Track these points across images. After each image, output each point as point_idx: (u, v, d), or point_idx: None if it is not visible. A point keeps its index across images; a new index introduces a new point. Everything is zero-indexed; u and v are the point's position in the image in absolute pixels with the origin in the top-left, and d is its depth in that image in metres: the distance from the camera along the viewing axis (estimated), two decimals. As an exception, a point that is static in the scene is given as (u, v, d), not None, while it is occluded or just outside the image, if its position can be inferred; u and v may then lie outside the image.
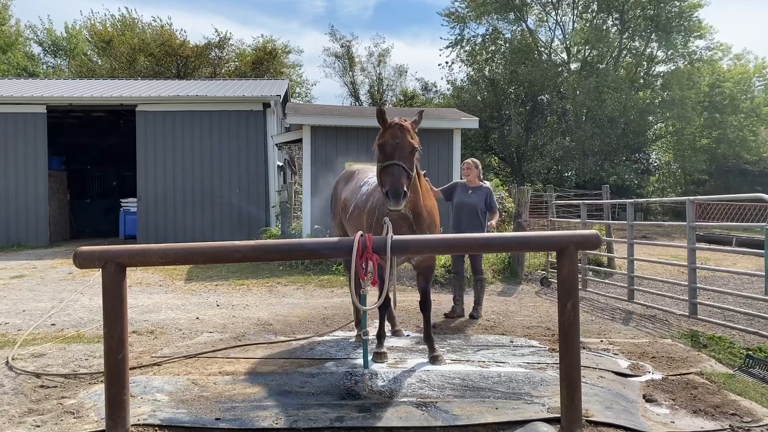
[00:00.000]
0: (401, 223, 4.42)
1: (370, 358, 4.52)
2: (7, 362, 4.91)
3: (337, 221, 6.07)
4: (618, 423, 3.59)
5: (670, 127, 33.44)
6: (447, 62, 52.67)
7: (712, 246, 12.50)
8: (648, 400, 4.16)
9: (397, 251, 3.66)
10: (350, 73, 43.55)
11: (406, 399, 4.00)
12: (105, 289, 3.27)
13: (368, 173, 5.59)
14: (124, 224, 16.77)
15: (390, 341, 5.60)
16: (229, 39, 34.34)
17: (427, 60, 75.69)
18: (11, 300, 8.19)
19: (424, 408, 3.83)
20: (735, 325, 6.45)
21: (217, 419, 3.66)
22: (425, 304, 5.05)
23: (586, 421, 3.58)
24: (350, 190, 5.66)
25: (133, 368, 4.67)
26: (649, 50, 33.62)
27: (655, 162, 37.72)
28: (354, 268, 3.57)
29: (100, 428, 3.49)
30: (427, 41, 76.87)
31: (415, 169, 4.27)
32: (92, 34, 35.14)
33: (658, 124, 34.28)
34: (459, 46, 36.89)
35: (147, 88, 18.28)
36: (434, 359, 4.79)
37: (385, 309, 4.91)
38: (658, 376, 4.76)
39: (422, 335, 5.19)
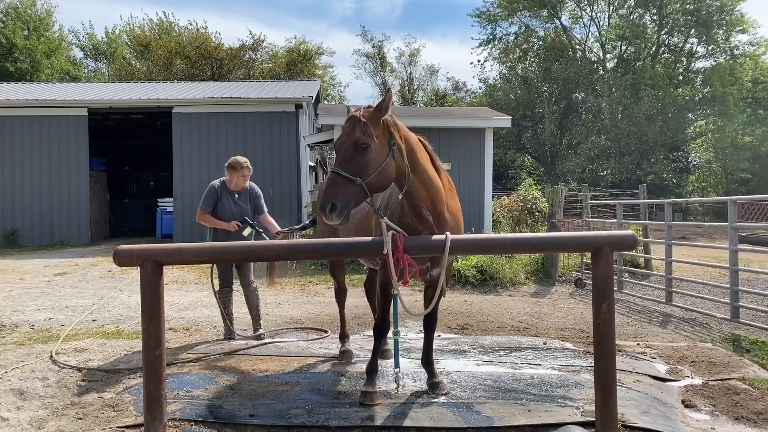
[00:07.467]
0: (420, 229, 3.75)
1: (359, 398, 3.98)
2: (51, 356, 5.09)
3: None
4: (655, 428, 3.51)
5: (711, 125, 32.40)
6: (479, 60, 52.50)
7: (755, 248, 12.07)
8: (687, 406, 4.05)
9: (422, 251, 3.63)
10: (381, 73, 43.63)
11: (436, 399, 3.99)
12: (143, 286, 3.35)
13: None
14: (160, 223, 17.16)
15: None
16: (262, 41, 34.81)
17: (456, 59, 75.02)
18: (55, 296, 8.49)
19: (455, 409, 3.81)
20: (780, 330, 6.22)
21: (251, 416, 3.72)
22: (431, 322, 4.27)
23: (622, 425, 3.51)
24: None
25: (170, 364, 4.78)
26: (688, 46, 32.72)
27: (695, 161, 36.60)
28: (392, 268, 3.50)
29: (139, 422, 3.59)
30: (456, 40, 76.41)
31: (408, 169, 3.53)
32: (131, 38, 36.13)
33: (698, 122, 33.26)
34: (491, 45, 36.58)
35: (183, 90, 18.66)
36: (434, 386, 4.13)
37: (384, 335, 4.21)
38: (697, 381, 4.63)
39: (438, 348, 4.37)
